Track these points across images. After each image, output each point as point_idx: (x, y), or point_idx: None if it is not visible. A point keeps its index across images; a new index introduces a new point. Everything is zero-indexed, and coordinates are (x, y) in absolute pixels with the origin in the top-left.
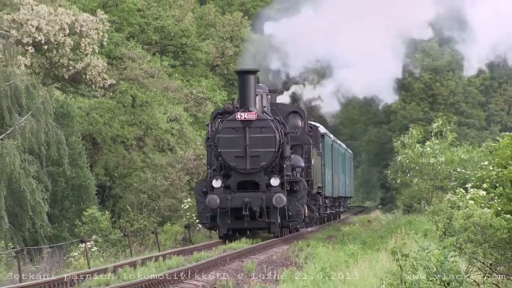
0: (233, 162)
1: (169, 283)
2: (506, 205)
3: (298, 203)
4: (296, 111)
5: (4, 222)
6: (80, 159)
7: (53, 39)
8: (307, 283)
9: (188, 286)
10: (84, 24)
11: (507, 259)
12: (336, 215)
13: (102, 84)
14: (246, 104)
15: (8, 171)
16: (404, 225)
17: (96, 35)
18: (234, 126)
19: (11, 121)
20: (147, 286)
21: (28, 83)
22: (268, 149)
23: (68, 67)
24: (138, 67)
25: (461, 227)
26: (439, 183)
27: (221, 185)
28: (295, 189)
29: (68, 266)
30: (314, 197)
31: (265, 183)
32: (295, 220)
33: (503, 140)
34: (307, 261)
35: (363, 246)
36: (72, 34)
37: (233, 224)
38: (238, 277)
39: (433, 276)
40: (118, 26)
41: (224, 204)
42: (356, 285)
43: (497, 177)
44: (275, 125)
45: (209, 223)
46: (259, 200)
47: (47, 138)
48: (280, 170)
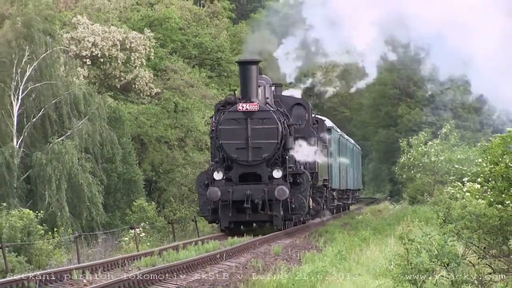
0: (235, 154)
1: (207, 264)
2: (498, 197)
3: (301, 196)
4: (300, 103)
5: (64, 211)
6: (130, 157)
7: (107, 54)
8: (325, 264)
9: (223, 267)
10: (134, 41)
11: (498, 243)
12: (345, 207)
13: (148, 92)
14: (248, 95)
15: (68, 168)
16: (410, 214)
17: (144, 50)
18: (236, 117)
19: (70, 125)
20: (188, 267)
21: (85, 92)
22: (270, 141)
23: (119, 78)
24: (180, 78)
25: (458, 215)
26: (440, 178)
27: (223, 177)
28: (299, 181)
29: (120, 249)
30: (320, 189)
31: (267, 175)
32: (298, 213)
33: (495, 140)
34: (326, 245)
35: (374, 232)
36: (123, 49)
37: (234, 217)
38: (266, 259)
39: (434, 258)
40: (162, 42)
41: (226, 197)
42: (368, 266)
43: (489, 172)
44: (277, 116)
45: (210, 216)
46: (261, 193)
47: (101, 139)
48: (282, 162)
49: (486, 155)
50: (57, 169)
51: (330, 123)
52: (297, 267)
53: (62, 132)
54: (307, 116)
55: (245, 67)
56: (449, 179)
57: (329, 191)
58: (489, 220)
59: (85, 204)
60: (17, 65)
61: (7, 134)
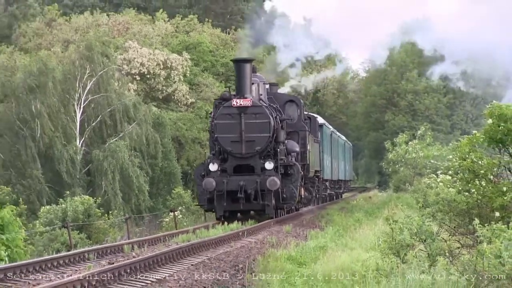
0: (229, 146)
1: (231, 240)
2: (465, 186)
3: (292, 186)
4: (292, 100)
5: (117, 197)
6: (170, 154)
7: (152, 71)
8: (327, 240)
9: (244, 242)
10: (173, 61)
11: (465, 223)
12: (337, 195)
13: (185, 102)
14: (241, 91)
15: (120, 163)
16: (394, 200)
17: (181, 69)
18: (230, 112)
19: (122, 128)
20: (216, 242)
21: (134, 102)
22: (262, 134)
23: (162, 90)
24: (210, 91)
25: (433, 201)
26: (418, 171)
27: (218, 169)
28: (290, 172)
29: (161, 228)
30: (312, 179)
31: (260, 167)
32: (289, 202)
33: (463, 140)
34: (327, 224)
35: (366, 215)
36: (165, 68)
37: (229, 206)
38: (279, 235)
39: (414, 235)
40: (196, 62)
41: (221, 187)
42: (361, 241)
43: (458, 166)
44: (269, 111)
45: (207, 205)
46: (254, 183)
47: (147, 140)
48: (274, 154)
49: (456, 152)
50: (112, 164)
51: (322, 120)
52: (304, 243)
53: (115, 134)
54: (298, 112)
55: (239, 65)
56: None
57: (321, 181)
58: (458, 205)
59: (134, 192)
60: (79, 80)
61: (72, 135)
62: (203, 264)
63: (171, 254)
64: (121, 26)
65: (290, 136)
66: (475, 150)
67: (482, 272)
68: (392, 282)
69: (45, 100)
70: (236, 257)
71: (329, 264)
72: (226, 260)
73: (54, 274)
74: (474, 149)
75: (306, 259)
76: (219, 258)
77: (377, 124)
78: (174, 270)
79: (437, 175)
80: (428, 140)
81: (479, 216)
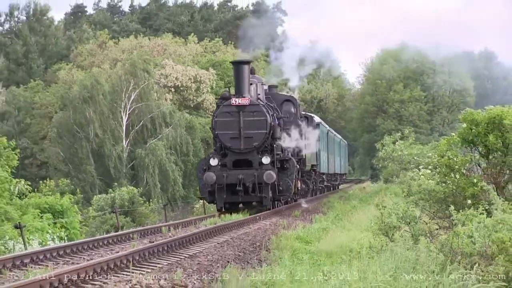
0: (229, 142)
1: (250, 223)
2: (442, 178)
3: (288, 179)
4: (289, 99)
5: (157, 188)
6: (199, 152)
7: (184, 84)
8: (328, 223)
9: (261, 224)
10: (202, 76)
11: (443, 209)
12: (334, 187)
13: (212, 110)
14: (240, 91)
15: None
16: (384, 190)
17: (209, 82)
18: (230, 110)
19: (160, 131)
20: (238, 224)
21: (170, 110)
22: (260, 131)
23: (193, 100)
24: None
25: (416, 191)
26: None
27: (218, 164)
28: (286, 166)
29: (192, 213)
30: (309, 173)
31: (257, 161)
32: (285, 194)
33: (442, 141)
34: (329, 210)
35: (361, 202)
36: (195, 82)
37: (229, 199)
38: (289, 219)
39: (400, 219)
40: (221, 77)
41: (221, 181)
42: (356, 224)
43: (437, 162)
44: (266, 110)
45: (208, 198)
46: (252, 177)
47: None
48: (271, 149)
49: (435, 151)
50: (152, 160)
51: (319, 120)
52: (310, 225)
53: (155, 136)
54: (294, 110)
55: (238, 66)
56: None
57: (318, 175)
58: (436, 194)
59: (170, 183)
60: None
61: (119, 137)
62: (226, 243)
63: (200, 235)
64: (160, 48)
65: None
66: (452, 149)
67: (457, 250)
68: (382, 257)
69: (96, 109)
70: (254, 236)
71: (331, 243)
72: (245, 239)
73: (104, 251)
74: (451, 148)
75: (311, 239)
76: (240, 238)
77: (370, 128)
78: (203, 247)
79: (419, 170)
80: (410, 140)
81: (454, 203)
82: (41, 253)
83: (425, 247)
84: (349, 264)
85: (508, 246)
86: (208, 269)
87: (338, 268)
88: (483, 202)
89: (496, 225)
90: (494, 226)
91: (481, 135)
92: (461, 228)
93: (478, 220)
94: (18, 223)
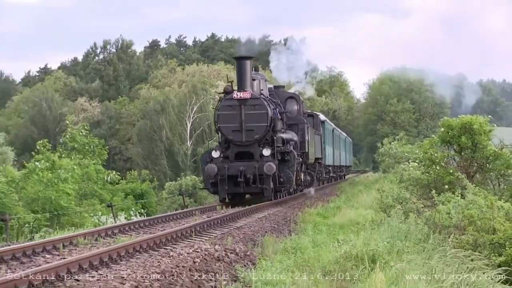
0: (231, 135)
1: (282, 203)
2: (426, 169)
3: (289, 171)
4: (292, 97)
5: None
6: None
7: None
8: (341, 203)
9: (291, 204)
10: None
11: (427, 192)
12: (340, 177)
13: None
14: (242, 85)
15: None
16: (382, 178)
17: None
18: (232, 104)
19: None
20: (273, 204)
21: None
22: (261, 124)
23: None
24: None
25: (406, 179)
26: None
27: (220, 156)
28: (286, 158)
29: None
30: (313, 165)
31: (258, 153)
32: (285, 185)
33: (426, 142)
34: (341, 193)
35: (365, 187)
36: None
37: (230, 189)
38: (312, 200)
39: (395, 200)
40: None
41: (223, 172)
42: (362, 203)
43: (422, 157)
44: (267, 103)
45: (212, 189)
46: (253, 169)
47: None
48: (272, 142)
49: (421, 149)
50: None
51: (324, 118)
52: (327, 204)
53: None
54: (298, 107)
55: (240, 61)
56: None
57: (324, 167)
58: (422, 181)
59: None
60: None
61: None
62: (265, 217)
63: (245, 211)
64: (215, 72)
65: (291, 127)
66: (433, 147)
67: (438, 223)
68: (381, 228)
69: (167, 118)
70: (285, 213)
71: (343, 218)
72: (278, 215)
73: (173, 223)
74: (432, 146)
75: (328, 215)
76: (274, 214)
77: (372, 131)
78: (247, 221)
79: (409, 163)
80: (403, 141)
81: (435, 188)
82: (126, 226)
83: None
84: (356, 234)
85: (476, 220)
86: (251, 237)
87: (348, 236)
88: (457, 187)
89: (468, 205)
90: (466, 205)
91: (456, 137)
92: (441, 207)
93: (454, 201)
94: (110, 203)
